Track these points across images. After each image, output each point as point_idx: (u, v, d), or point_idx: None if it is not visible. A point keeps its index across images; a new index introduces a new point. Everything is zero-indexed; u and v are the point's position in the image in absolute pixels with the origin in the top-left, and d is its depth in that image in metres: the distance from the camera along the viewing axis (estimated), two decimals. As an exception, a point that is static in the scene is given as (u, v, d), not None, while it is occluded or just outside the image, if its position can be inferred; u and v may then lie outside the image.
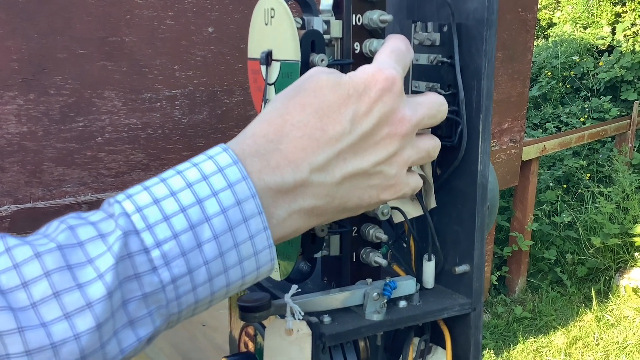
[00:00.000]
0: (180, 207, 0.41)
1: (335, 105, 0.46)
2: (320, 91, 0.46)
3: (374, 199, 0.49)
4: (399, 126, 0.47)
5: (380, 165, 0.48)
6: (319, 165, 0.45)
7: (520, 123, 3.47)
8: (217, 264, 0.41)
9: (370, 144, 0.47)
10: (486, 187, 0.66)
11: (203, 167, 0.43)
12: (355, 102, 0.46)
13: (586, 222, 4.38)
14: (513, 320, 3.79)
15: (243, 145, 0.45)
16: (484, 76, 0.63)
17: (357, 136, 0.46)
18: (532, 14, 3.26)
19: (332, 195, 0.46)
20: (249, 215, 0.42)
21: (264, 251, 0.44)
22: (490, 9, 0.61)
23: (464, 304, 0.66)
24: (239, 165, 0.43)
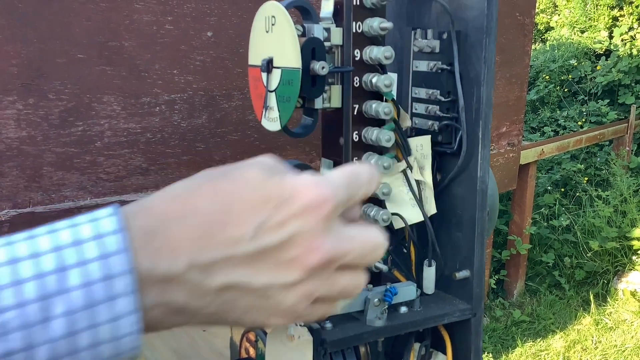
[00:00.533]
0: (37, 272, 0.36)
1: (249, 205, 0.40)
2: (242, 184, 0.41)
3: (258, 322, 0.43)
4: (310, 255, 0.40)
5: (273, 290, 0.41)
6: (202, 263, 0.39)
7: (518, 127, 3.48)
8: (63, 344, 0.36)
9: (270, 262, 0.40)
10: (486, 193, 0.66)
11: (80, 230, 0.38)
12: (271, 210, 0.40)
13: (584, 225, 4.38)
14: (511, 324, 3.80)
15: (136, 217, 0.39)
16: (483, 83, 0.63)
17: (258, 247, 0.40)
18: (529, 18, 3.27)
19: (208, 300, 0.40)
20: (118, 293, 0.37)
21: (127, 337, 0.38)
22: (489, 17, 0.62)
23: (465, 310, 0.67)
24: (121, 234, 0.37)
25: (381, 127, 0.66)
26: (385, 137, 0.65)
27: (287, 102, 0.61)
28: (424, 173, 0.69)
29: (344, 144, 0.66)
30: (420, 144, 0.69)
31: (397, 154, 0.69)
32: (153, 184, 1.83)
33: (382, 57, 0.62)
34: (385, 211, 0.67)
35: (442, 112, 0.67)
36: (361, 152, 0.67)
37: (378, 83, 0.62)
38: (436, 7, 0.67)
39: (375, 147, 0.67)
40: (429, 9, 0.68)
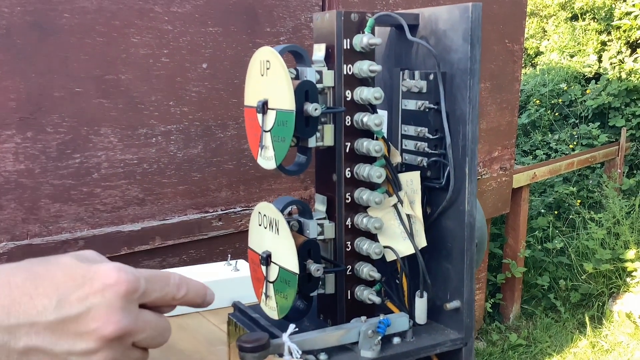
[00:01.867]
0: None
1: (55, 282, 0.47)
2: (56, 266, 0.48)
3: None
4: (107, 327, 0.47)
5: (74, 357, 0.47)
6: (7, 326, 0.45)
7: (510, 151, 3.52)
8: None
9: (70, 331, 0.47)
10: (474, 226, 0.69)
11: None
12: (75, 286, 0.47)
13: (578, 248, 4.40)
14: (508, 348, 3.79)
15: None
16: (468, 121, 0.66)
17: (59, 317, 0.46)
18: (518, 44, 3.33)
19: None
20: None
21: None
22: (473, 59, 0.65)
23: (456, 340, 0.69)
24: None
25: (372, 164, 0.68)
26: (377, 174, 0.67)
27: (282, 142, 0.64)
28: (414, 207, 0.72)
29: (337, 180, 0.69)
30: (410, 179, 0.71)
31: (388, 189, 0.71)
32: (149, 214, 1.85)
33: (372, 98, 0.65)
34: (377, 244, 0.70)
35: (430, 149, 0.70)
36: (353, 187, 0.69)
37: (369, 122, 0.65)
38: (423, 50, 0.70)
39: (367, 183, 0.69)
40: (416, 51, 0.71)
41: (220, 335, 1.07)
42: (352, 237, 0.70)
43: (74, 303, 0.47)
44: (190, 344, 1.04)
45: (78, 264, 0.49)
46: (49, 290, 0.46)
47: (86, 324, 0.47)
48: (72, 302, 0.47)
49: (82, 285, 0.47)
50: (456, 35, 0.65)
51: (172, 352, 1.02)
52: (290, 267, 0.65)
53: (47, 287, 0.47)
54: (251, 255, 0.72)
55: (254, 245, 0.71)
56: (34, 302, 0.46)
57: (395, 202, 0.71)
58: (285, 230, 0.65)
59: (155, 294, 0.51)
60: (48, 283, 0.47)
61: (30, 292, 0.46)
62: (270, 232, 0.67)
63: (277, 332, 0.63)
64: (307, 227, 0.68)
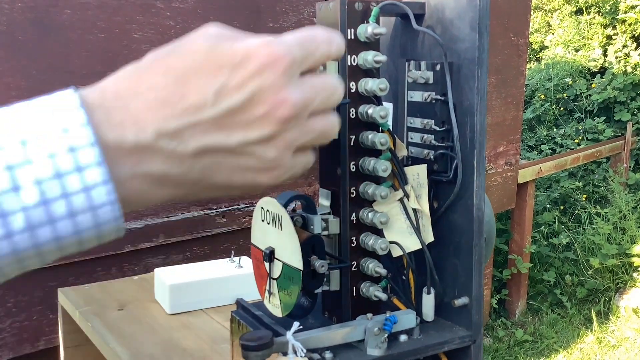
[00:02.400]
0: None
1: (203, 72, 0.41)
2: (192, 55, 0.42)
3: (248, 180, 0.45)
4: (279, 109, 0.42)
5: (251, 146, 0.43)
6: (169, 131, 0.40)
7: (515, 146, 3.50)
8: (38, 212, 0.37)
9: (239, 122, 0.42)
10: (482, 220, 0.67)
11: (40, 105, 0.39)
12: (227, 74, 0.41)
13: (584, 243, 4.38)
14: (514, 344, 3.78)
15: (90, 95, 0.40)
16: (476, 113, 0.64)
17: (222, 110, 0.41)
18: (523, 38, 3.31)
19: (188, 166, 0.42)
20: (85, 165, 0.38)
21: (105, 207, 0.39)
22: (481, 49, 0.63)
23: (464, 337, 0.67)
24: (81, 110, 0.38)
25: (378, 157, 0.67)
26: (382, 167, 0.65)
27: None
28: (420, 201, 0.70)
29: (342, 174, 0.67)
30: (417, 172, 0.70)
31: (394, 183, 0.70)
32: (153, 211, 1.84)
33: (377, 89, 0.63)
34: (383, 240, 0.68)
35: (437, 141, 0.68)
36: (358, 181, 0.68)
37: (374, 114, 0.64)
38: (429, 40, 0.68)
39: (372, 177, 0.68)
40: (422, 41, 0.69)
41: (224, 333, 1.06)
42: (357, 232, 0.69)
43: (232, 92, 0.41)
44: (193, 342, 1.03)
45: (216, 46, 0.42)
46: (199, 84, 0.41)
47: (254, 110, 0.42)
48: (231, 91, 0.41)
49: (234, 71, 0.41)
50: (463, 24, 0.64)
51: (175, 351, 1.00)
52: (294, 263, 0.63)
53: (196, 81, 0.41)
54: (254, 252, 0.71)
55: (257, 242, 0.70)
56: (188, 101, 0.41)
57: (401, 196, 0.70)
58: (288, 226, 0.64)
59: (312, 58, 0.45)
60: (195, 76, 0.41)
61: (179, 91, 0.41)
62: (274, 227, 0.66)
63: (281, 330, 0.62)
64: (311, 223, 0.67)
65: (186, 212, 1.91)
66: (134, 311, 1.17)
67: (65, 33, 1.55)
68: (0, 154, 0.37)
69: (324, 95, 0.46)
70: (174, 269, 1.23)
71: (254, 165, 0.44)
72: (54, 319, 1.66)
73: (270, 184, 0.46)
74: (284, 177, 0.46)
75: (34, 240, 0.38)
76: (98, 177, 0.38)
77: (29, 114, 0.38)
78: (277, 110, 0.42)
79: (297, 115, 0.44)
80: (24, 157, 0.37)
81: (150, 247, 1.84)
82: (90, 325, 1.10)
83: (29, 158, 0.37)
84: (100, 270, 1.77)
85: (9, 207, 0.37)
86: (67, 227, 0.38)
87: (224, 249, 2.01)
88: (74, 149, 0.38)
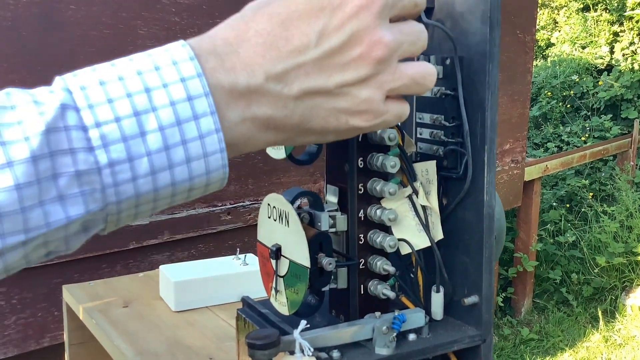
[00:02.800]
0: (126, 92, 0.39)
1: (305, 16, 0.43)
2: (292, 1, 0.44)
3: (342, 124, 0.47)
4: (374, 49, 0.44)
5: (348, 87, 0.45)
6: (277, 74, 0.43)
7: (522, 144, 3.48)
8: (161, 157, 0.40)
9: (337, 63, 0.44)
10: (493, 217, 0.66)
11: (157, 59, 0.41)
12: (328, 16, 0.43)
13: (590, 241, 4.36)
14: (520, 342, 3.76)
15: (201, 43, 0.43)
16: (487, 108, 0.63)
17: (324, 51, 0.43)
18: (530, 35, 3.29)
19: (290, 109, 0.44)
20: (200, 114, 0.40)
21: (215, 155, 0.41)
22: (492, 42, 0.62)
23: (474, 336, 0.66)
24: (194, 61, 0.41)
25: (386, 153, 0.65)
26: (391, 163, 0.64)
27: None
28: (429, 198, 0.69)
29: (349, 170, 0.66)
30: (426, 169, 0.69)
31: (403, 180, 0.69)
32: (158, 208, 1.83)
33: (385, 84, 0.62)
34: (391, 237, 0.67)
35: (446, 137, 0.67)
36: (366, 178, 0.67)
37: (382, 109, 0.62)
38: (438, 33, 0.67)
39: (380, 173, 0.67)
40: (431, 35, 0.68)
41: (229, 331, 1.05)
42: (365, 229, 0.68)
43: (332, 34, 0.43)
44: (198, 340, 1.02)
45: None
46: (302, 27, 0.43)
47: (351, 51, 0.44)
48: (330, 33, 0.43)
49: (333, 14, 0.43)
50: (474, 18, 0.62)
51: (180, 348, 1.00)
52: (301, 260, 0.62)
53: (299, 24, 0.43)
54: (260, 249, 0.70)
55: (263, 239, 0.69)
56: (293, 43, 0.43)
57: (410, 193, 0.69)
58: (295, 223, 0.63)
59: (400, 4, 0.47)
60: (297, 20, 0.43)
61: (284, 35, 0.43)
62: (280, 224, 0.65)
63: (288, 328, 0.61)
64: (319, 219, 0.66)
65: (191, 209, 1.90)
66: (138, 308, 1.16)
67: (71, 29, 1.55)
68: (129, 101, 0.39)
69: (411, 39, 0.48)
70: (179, 266, 1.23)
71: (348, 107, 0.46)
72: (59, 315, 1.66)
73: (364, 129, 0.48)
74: (376, 122, 0.48)
75: (154, 185, 0.40)
76: (211, 125, 0.41)
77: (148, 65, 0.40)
78: (372, 51, 0.44)
79: (390, 56, 0.45)
80: (149, 105, 0.39)
81: (155, 244, 1.84)
82: (94, 322, 1.10)
83: (154, 105, 0.39)
84: (105, 267, 1.77)
85: (135, 152, 0.39)
86: (182, 174, 0.41)
87: (229, 246, 2.00)
88: (191, 97, 0.40)
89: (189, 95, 0.40)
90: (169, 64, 0.41)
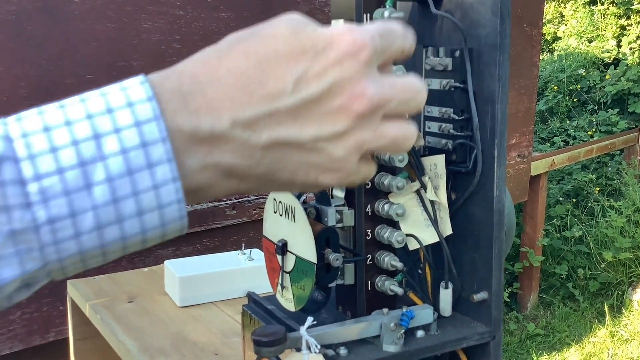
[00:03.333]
0: (72, 139, 0.36)
1: (284, 58, 0.39)
2: (273, 40, 0.39)
3: (311, 179, 0.43)
4: (356, 102, 0.39)
5: (322, 142, 0.40)
6: (245, 120, 0.38)
7: (528, 138, 3.46)
8: (108, 211, 0.36)
9: (314, 114, 0.39)
10: (503, 212, 0.65)
11: (111, 98, 0.37)
12: (309, 61, 0.39)
13: (597, 236, 4.34)
14: (526, 338, 3.75)
15: (166, 80, 0.39)
16: (497, 101, 0.62)
17: (300, 100, 0.39)
18: (537, 29, 3.26)
19: (257, 159, 0.40)
20: (156, 161, 0.37)
21: (171, 206, 0.38)
22: (502, 34, 0.60)
23: (483, 333, 0.65)
24: (152, 102, 0.37)
25: (394, 147, 0.64)
26: (399, 157, 0.63)
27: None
28: (438, 193, 0.68)
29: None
30: (434, 163, 0.68)
31: (411, 174, 0.68)
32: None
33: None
34: (399, 232, 0.66)
35: (456, 131, 0.66)
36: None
37: (390, 102, 0.61)
38: (448, 25, 0.66)
39: (388, 168, 0.66)
40: (440, 27, 0.67)
41: (234, 327, 1.05)
42: (373, 224, 0.67)
43: (311, 81, 0.39)
44: (203, 336, 1.02)
45: (299, 31, 0.40)
46: (280, 70, 0.39)
47: (330, 102, 0.39)
48: (310, 80, 0.39)
49: (315, 58, 0.39)
50: (484, 9, 0.61)
51: (185, 344, 0.99)
52: (308, 256, 0.61)
53: (276, 66, 0.39)
54: (266, 244, 0.69)
55: (269, 234, 0.68)
56: (267, 88, 0.38)
57: (418, 187, 0.68)
58: (302, 218, 0.62)
59: (389, 51, 0.42)
60: (275, 62, 0.39)
61: (258, 77, 0.38)
62: (286, 219, 0.64)
63: (294, 325, 0.60)
64: (325, 215, 0.65)
65: (196, 204, 1.89)
66: (143, 303, 1.15)
67: (75, 23, 1.54)
68: (74, 149, 0.36)
69: (404, 97, 0.43)
70: (184, 261, 1.22)
71: (320, 164, 0.42)
72: (64, 310, 1.66)
73: (331, 185, 0.44)
74: (345, 182, 0.44)
75: (100, 240, 0.37)
76: (168, 174, 0.37)
77: (100, 107, 0.37)
78: (353, 104, 0.40)
79: (372, 112, 0.41)
80: (97, 153, 0.36)
81: (160, 239, 1.83)
82: (99, 318, 1.09)
83: (103, 154, 0.36)
84: (109, 262, 1.76)
85: (79, 207, 0.36)
86: (133, 227, 0.38)
87: (234, 241, 2.00)
88: (146, 144, 0.36)
89: (144, 141, 0.36)
90: (124, 106, 0.37)
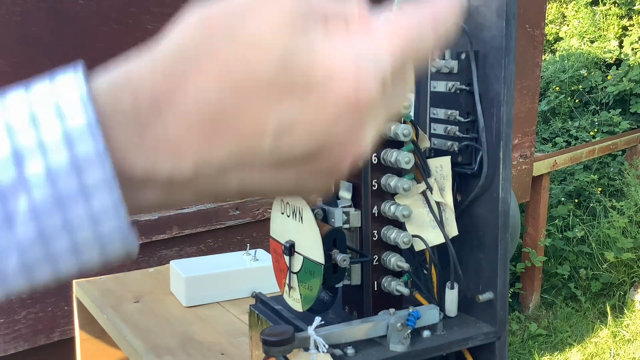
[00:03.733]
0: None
1: (266, 91, 0.30)
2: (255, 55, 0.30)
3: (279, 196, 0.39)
4: (344, 163, 0.33)
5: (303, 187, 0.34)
6: (212, 164, 0.31)
7: (530, 138, 3.47)
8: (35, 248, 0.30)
9: (295, 171, 0.32)
10: (508, 214, 0.65)
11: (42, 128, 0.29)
12: (297, 104, 0.30)
13: (599, 236, 4.34)
14: (528, 338, 3.75)
15: (118, 96, 0.30)
16: (503, 103, 0.63)
17: (278, 157, 0.31)
18: (539, 29, 3.27)
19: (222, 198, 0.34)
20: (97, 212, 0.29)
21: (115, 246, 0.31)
22: (508, 36, 0.61)
23: (489, 333, 0.66)
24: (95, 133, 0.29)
25: (400, 149, 0.65)
26: (405, 159, 0.64)
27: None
28: (444, 194, 0.68)
29: (363, 166, 0.66)
30: (440, 164, 0.68)
31: (417, 176, 0.68)
32: (167, 204, 1.83)
33: (400, 79, 0.62)
34: (405, 233, 0.67)
35: (461, 133, 0.66)
36: (380, 173, 0.66)
37: (396, 105, 0.62)
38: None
39: (394, 169, 0.66)
40: (446, 30, 0.67)
41: (241, 327, 1.05)
42: (379, 225, 0.67)
43: (296, 137, 0.31)
44: (210, 335, 1.02)
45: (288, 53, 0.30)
46: (258, 107, 0.30)
47: (316, 164, 0.32)
48: (295, 134, 0.30)
49: (305, 102, 0.30)
50: (490, 11, 0.62)
51: (192, 343, 1.00)
52: (315, 257, 0.62)
53: (255, 100, 0.30)
54: (273, 245, 0.69)
55: (276, 235, 0.68)
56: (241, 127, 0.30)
57: (424, 189, 0.68)
58: (309, 219, 0.62)
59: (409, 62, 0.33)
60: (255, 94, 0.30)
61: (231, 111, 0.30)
62: (294, 220, 0.65)
63: (302, 324, 0.61)
64: (332, 216, 0.66)
65: (199, 204, 1.90)
66: (149, 303, 1.16)
67: (80, 24, 1.55)
68: None
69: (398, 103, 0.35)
70: (189, 261, 1.23)
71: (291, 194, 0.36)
72: (69, 310, 1.67)
73: None
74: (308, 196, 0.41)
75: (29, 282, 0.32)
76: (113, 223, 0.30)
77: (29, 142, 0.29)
78: (342, 165, 0.33)
79: None
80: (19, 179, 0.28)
81: (164, 239, 1.84)
82: (105, 318, 1.10)
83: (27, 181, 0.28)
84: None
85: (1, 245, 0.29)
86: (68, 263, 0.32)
87: (237, 241, 2.00)
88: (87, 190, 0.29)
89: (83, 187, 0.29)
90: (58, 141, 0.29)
